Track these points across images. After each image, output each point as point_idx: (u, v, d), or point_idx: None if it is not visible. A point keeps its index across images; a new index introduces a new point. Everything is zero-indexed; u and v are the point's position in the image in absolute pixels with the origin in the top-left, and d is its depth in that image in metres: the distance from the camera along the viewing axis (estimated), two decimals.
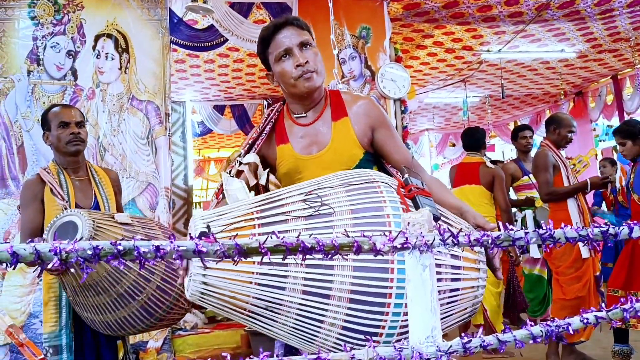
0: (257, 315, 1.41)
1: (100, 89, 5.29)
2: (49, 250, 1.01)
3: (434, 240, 1.14)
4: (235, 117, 9.49)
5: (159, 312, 2.14)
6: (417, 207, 1.41)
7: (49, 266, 0.96)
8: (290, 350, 1.76)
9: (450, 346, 1.13)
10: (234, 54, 7.20)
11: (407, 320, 1.16)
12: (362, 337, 1.35)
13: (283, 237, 1.07)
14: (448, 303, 1.48)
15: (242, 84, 8.53)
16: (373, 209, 1.40)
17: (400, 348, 1.11)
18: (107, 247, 1.03)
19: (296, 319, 1.39)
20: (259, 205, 1.43)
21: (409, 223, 1.14)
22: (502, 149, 14.50)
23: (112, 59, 5.33)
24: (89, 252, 1.02)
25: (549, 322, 1.26)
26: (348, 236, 1.09)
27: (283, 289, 1.35)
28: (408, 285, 1.15)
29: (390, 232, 1.19)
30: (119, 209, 2.66)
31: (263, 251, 1.05)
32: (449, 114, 11.71)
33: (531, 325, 1.25)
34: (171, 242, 1.05)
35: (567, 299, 4.05)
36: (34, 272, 2.54)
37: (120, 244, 1.03)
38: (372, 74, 5.87)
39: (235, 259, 1.05)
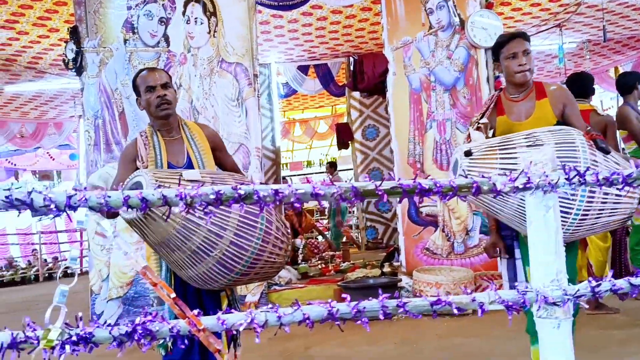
0: None
1: (191, 53, 5.44)
2: (175, 195, 1.05)
3: (558, 180, 1.08)
4: (320, 76, 9.48)
5: (238, 267, 2.13)
6: (597, 146, 2.27)
7: (176, 209, 0.99)
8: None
9: (578, 290, 1.08)
10: (317, 12, 7.14)
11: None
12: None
13: (399, 179, 1.05)
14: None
15: (325, 42, 8.47)
16: (569, 144, 2.25)
17: (523, 291, 1.08)
18: (229, 191, 1.05)
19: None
20: (499, 142, 2.39)
21: (531, 162, 1.09)
22: (600, 98, 13.55)
23: (201, 23, 5.44)
24: (212, 196, 1.05)
25: None
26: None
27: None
28: (530, 227, 1.11)
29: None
30: (225, 165, 2.69)
31: (379, 193, 1.04)
32: (542, 62, 11.05)
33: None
34: (289, 185, 1.06)
35: None
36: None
37: (240, 189, 1.05)
38: (461, 23, 5.61)
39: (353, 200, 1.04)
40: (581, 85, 5.02)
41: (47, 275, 11.47)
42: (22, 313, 7.14)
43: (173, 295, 1.05)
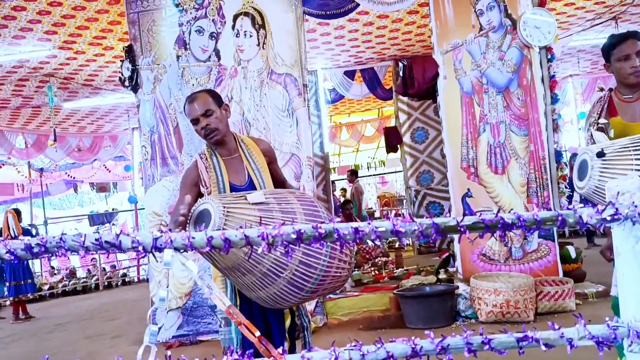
0: None
1: (242, 66, 5.52)
2: (257, 236, 1.07)
3: None
4: (366, 80, 9.46)
5: (308, 286, 2.15)
6: None
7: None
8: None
9: None
10: (364, 18, 7.13)
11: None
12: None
13: (480, 213, 1.04)
14: None
15: (371, 47, 8.45)
16: None
17: (614, 326, 1.04)
18: (309, 230, 1.06)
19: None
20: (630, 142, 2.28)
21: (618, 193, 1.05)
22: None
23: (250, 36, 5.51)
24: (293, 236, 1.07)
25: None
26: None
27: None
28: (618, 259, 1.07)
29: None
30: (277, 177, 2.71)
31: (461, 229, 1.03)
32: (596, 56, 10.69)
33: None
34: (368, 223, 1.06)
35: None
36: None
37: (321, 227, 1.06)
38: (513, 23, 5.49)
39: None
40: None
41: (106, 283, 11.85)
42: (86, 322, 7.42)
43: (258, 334, 1.07)
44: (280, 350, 1.06)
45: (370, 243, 9.42)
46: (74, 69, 7.96)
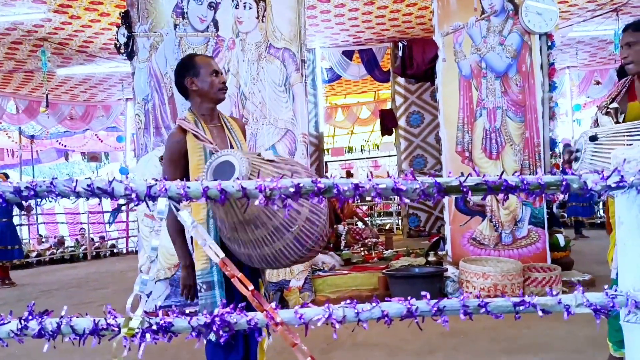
0: None
1: (240, 38, 5.44)
2: (255, 188, 1.05)
3: None
4: (364, 61, 9.39)
5: (309, 243, 2.21)
6: None
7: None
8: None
9: None
10: None
11: None
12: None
13: (484, 175, 1.02)
14: None
15: (371, 27, 8.37)
16: None
17: (612, 295, 1.03)
18: (308, 184, 1.04)
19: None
20: (627, 128, 2.27)
21: (624, 160, 1.03)
22: None
23: (250, 8, 5.43)
24: (291, 189, 1.04)
25: None
26: None
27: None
28: (620, 228, 1.05)
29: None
30: None
31: (464, 190, 1.01)
32: (594, 48, 10.67)
33: None
34: (369, 180, 1.04)
35: None
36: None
37: (320, 182, 1.04)
38: (515, 8, 5.44)
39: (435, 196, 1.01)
40: None
41: (94, 254, 11.82)
42: (74, 290, 7.39)
43: (251, 287, 1.05)
44: (273, 304, 1.04)
45: (360, 225, 9.44)
46: (69, 34, 7.83)
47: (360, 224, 9.69)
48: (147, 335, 1.02)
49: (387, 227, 9.50)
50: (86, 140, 14.20)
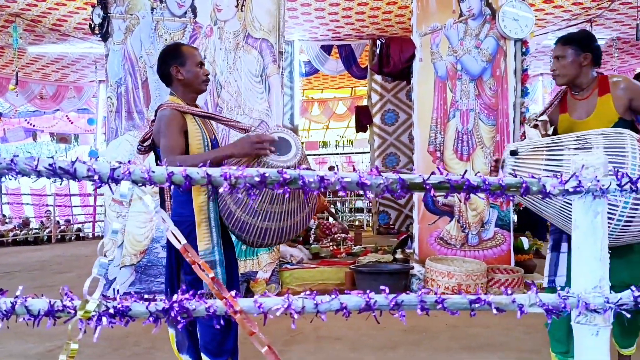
0: None
1: (218, 26, 5.39)
2: (220, 175, 1.04)
3: (609, 185, 1.05)
4: (342, 57, 9.39)
5: (309, 223, 2.60)
6: None
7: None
8: None
9: (620, 298, 1.06)
10: None
11: None
12: None
13: (448, 174, 1.04)
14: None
15: (351, 23, 8.37)
16: (618, 148, 2.13)
17: (564, 296, 1.06)
18: (274, 174, 1.04)
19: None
20: (547, 143, 2.31)
21: (583, 166, 1.06)
22: None
23: None
24: (257, 179, 1.04)
25: None
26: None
27: None
28: (576, 232, 1.08)
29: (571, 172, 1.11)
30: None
31: (427, 187, 1.02)
32: None
33: None
34: (335, 173, 1.04)
35: None
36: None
37: (285, 172, 1.04)
38: (492, 13, 5.52)
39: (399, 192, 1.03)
40: None
41: (59, 237, 11.60)
42: (37, 272, 7.25)
43: (211, 275, 1.05)
44: (233, 293, 1.04)
45: (331, 220, 9.47)
46: (42, 12, 7.64)
47: (330, 218, 9.71)
48: (104, 319, 1.01)
49: (357, 223, 9.54)
50: (56, 121, 13.90)
